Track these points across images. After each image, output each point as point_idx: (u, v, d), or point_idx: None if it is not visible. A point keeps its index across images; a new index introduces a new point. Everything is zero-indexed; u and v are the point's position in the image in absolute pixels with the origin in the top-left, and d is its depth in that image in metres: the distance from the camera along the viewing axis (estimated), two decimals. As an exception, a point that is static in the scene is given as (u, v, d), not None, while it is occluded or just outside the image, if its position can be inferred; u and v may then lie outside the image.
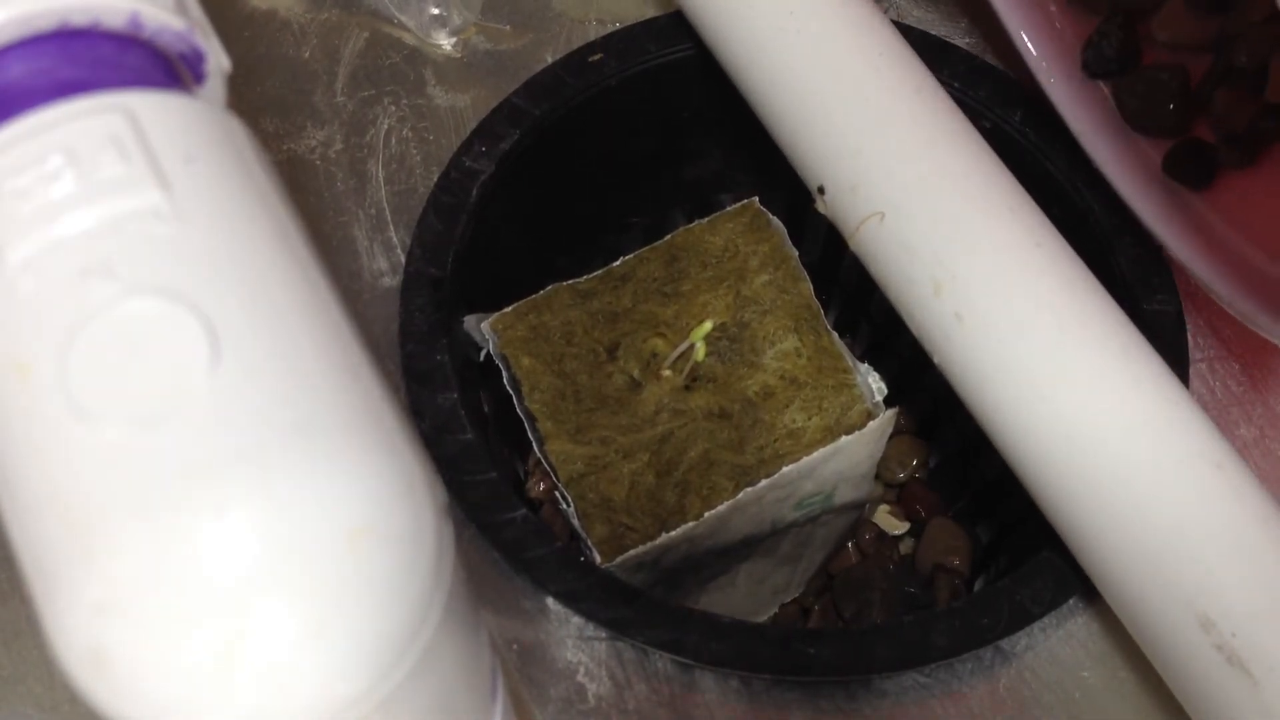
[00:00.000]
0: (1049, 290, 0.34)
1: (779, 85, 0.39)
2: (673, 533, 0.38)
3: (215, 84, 0.24)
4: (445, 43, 0.47)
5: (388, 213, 0.43)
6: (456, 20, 0.47)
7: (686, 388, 0.42)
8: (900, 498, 0.52)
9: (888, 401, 0.51)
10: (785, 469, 0.39)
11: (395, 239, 0.43)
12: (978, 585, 0.49)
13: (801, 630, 0.46)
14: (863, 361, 0.53)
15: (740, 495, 0.39)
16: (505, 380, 0.41)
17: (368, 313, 0.41)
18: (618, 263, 0.44)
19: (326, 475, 0.18)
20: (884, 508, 0.52)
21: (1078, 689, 0.36)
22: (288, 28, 0.47)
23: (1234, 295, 0.36)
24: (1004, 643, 0.36)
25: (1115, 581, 0.33)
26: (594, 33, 0.46)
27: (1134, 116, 0.39)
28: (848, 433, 0.40)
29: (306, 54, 0.46)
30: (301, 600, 0.18)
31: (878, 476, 0.48)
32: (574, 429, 0.40)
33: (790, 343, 0.42)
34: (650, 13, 0.46)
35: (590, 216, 0.49)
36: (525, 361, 0.41)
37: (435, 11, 0.47)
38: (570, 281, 0.43)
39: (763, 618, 0.50)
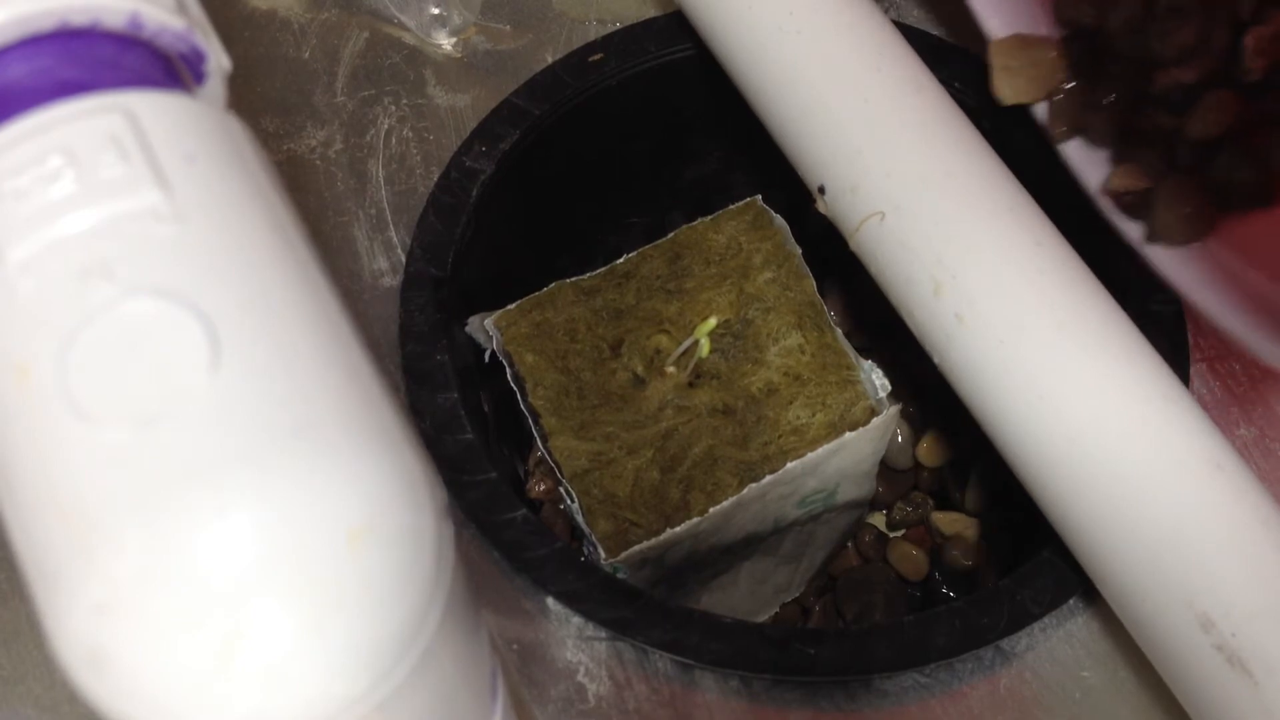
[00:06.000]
0: (1049, 290, 0.34)
1: (779, 85, 0.39)
2: (677, 529, 0.38)
3: (215, 84, 0.24)
4: (445, 43, 0.47)
5: (388, 213, 0.43)
6: (456, 20, 0.47)
7: (690, 384, 0.42)
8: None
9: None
10: (789, 465, 0.39)
11: (395, 239, 0.43)
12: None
13: (802, 630, 0.46)
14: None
15: (744, 491, 0.39)
16: (509, 377, 0.41)
17: (368, 313, 0.41)
18: (621, 260, 0.44)
19: (326, 475, 0.18)
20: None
21: (1078, 689, 0.36)
22: (288, 28, 0.47)
23: (1243, 326, 0.35)
24: (1004, 643, 0.36)
25: (1115, 582, 0.33)
26: (594, 33, 0.46)
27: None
28: (851, 429, 0.40)
29: (306, 54, 0.46)
30: (301, 600, 0.18)
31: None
32: (578, 425, 0.40)
33: (794, 339, 0.42)
34: (650, 13, 0.46)
35: (590, 216, 0.49)
36: (529, 358, 0.41)
37: (435, 11, 0.47)
38: (574, 279, 0.43)
39: (764, 617, 0.50)
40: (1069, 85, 0.39)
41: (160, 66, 0.22)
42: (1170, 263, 0.38)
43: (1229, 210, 0.37)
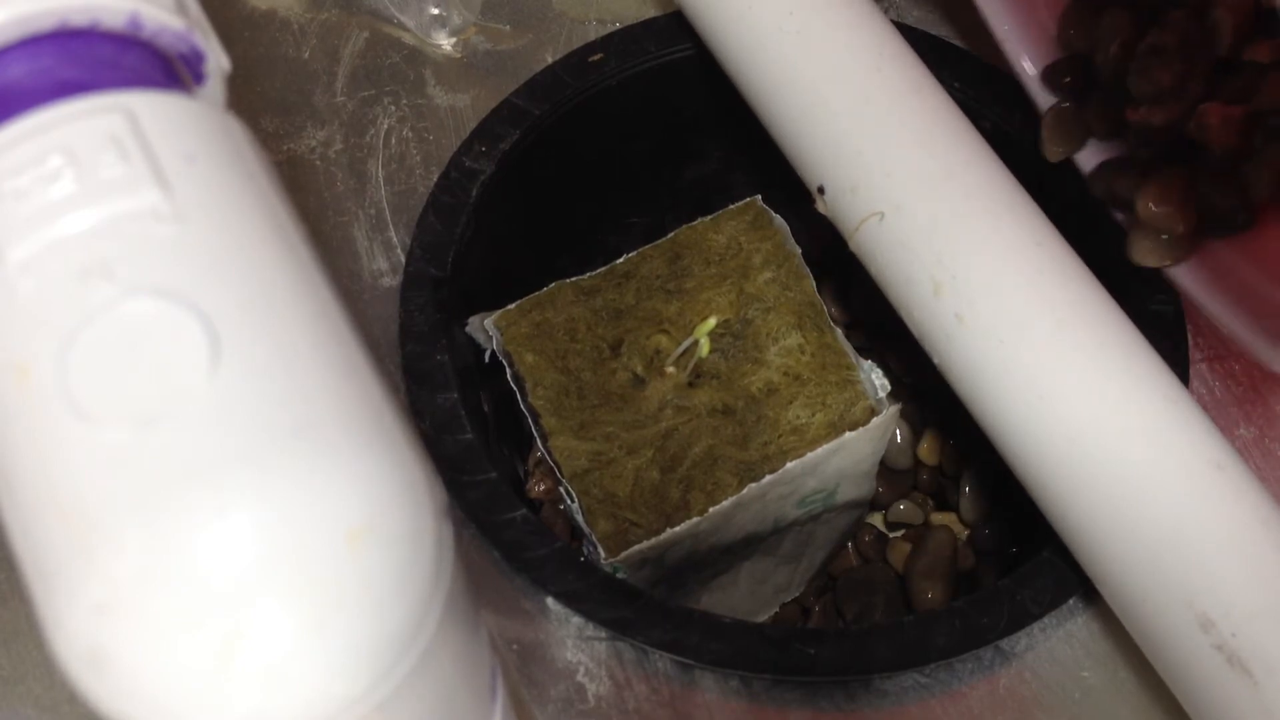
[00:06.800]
0: (1049, 290, 0.34)
1: (779, 85, 0.39)
2: (677, 528, 0.38)
3: (215, 84, 0.24)
4: (445, 43, 0.47)
5: (388, 213, 0.43)
6: (456, 20, 0.47)
7: (690, 384, 0.42)
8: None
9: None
10: (789, 465, 0.39)
11: (395, 239, 0.43)
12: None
13: (802, 630, 0.46)
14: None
15: (744, 491, 0.39)
16: (509, 377, 0.41)
17: (368, 313, 0.41)
18: (621, 260, 0.44)
19: (326, 476, 0.18)
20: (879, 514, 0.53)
21: (1078, 689, 0.36)
22: (288, 28, 0.47)
23: (1254, 335, 0.36)
24: (1004, 643, 0.36)
25: (1115, 582, 0.33)
26: (594, 33, 0.46)
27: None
28: (851, 429, 0.40)
29: (306, 54, 0.46)
30: (300, 600, 0.18)
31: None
32: (578, 425, 0.40)
33: (794, 339, 0.42)
34: (650, 13, 0.46)
35: (590, 216, 0.49)
36: (529, 358, 0.41)
37: (435, 11, 0.47)
38: (574, 279, 0.43)
39: (764, 617, 0.50)
40: (1063, 105, 0.39)
41: (160, 67, 0.22)
42: (1175, 268, 0.38)
43: (1207, 236, 0.37)
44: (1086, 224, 0.41)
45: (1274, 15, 0.32)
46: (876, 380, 0.42)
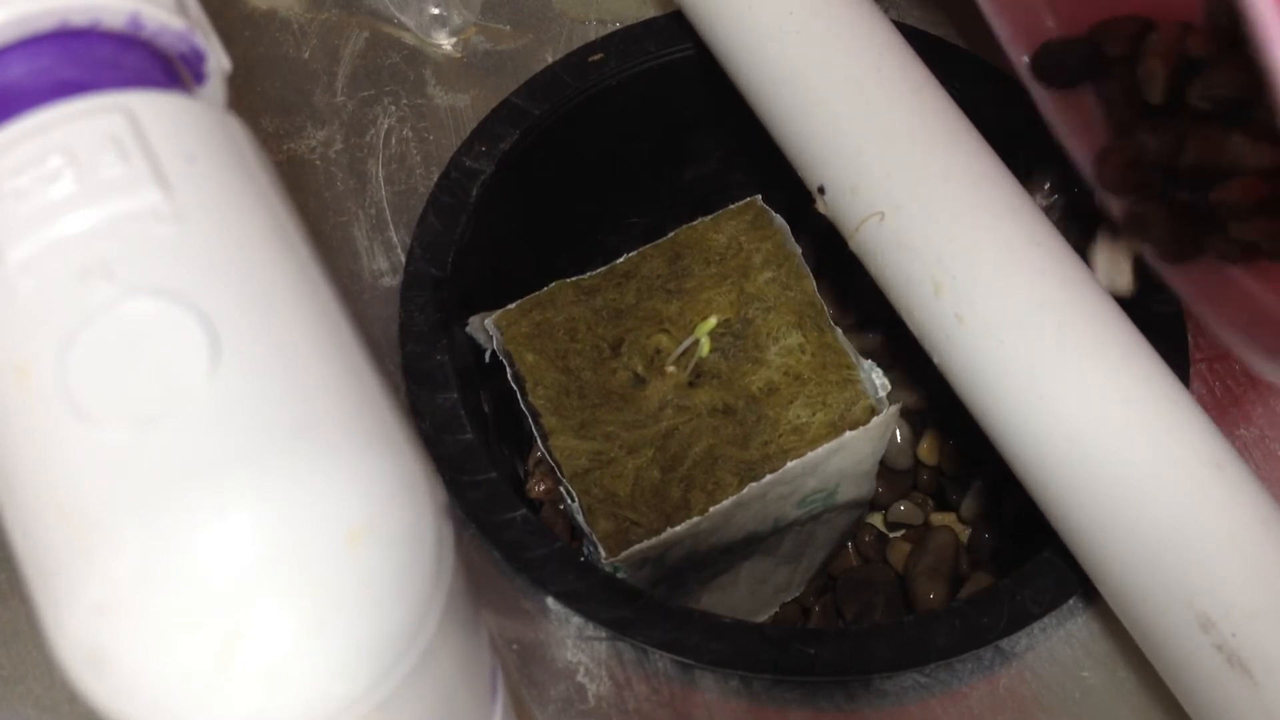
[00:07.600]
0: (1049, 290, 0.34)
1: (779, 85, 0.39)
2: (677, 528, 0.38)
3: (215, 84, 0.24)
4: (445, 43, 0.47)
5: (388, 213, 0.43)
6: (456, 20, 0.47)
7: (690, 384, 0.42)
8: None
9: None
10: (789, 464, 0.39)
11: (395, 239, 0.43)
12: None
13: (802, 630, 0.46)
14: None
15: (745, 490, 0.39)
16: (509, 377, 0.41)
17: (368, 313, 0.41)
18: (621, 259, 0.44)
19: (326, 476, 0.18)
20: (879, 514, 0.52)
21: (1078, 689, 0.36)
22: (288, 28, 0.47)
23: (1239, 340, 0.36)
24: (1004, 643, 0.36)
25: (1115, 582, 0.33)
26: (594, 33, 0.46)
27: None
28: (852, 428, 0.40)
29: (306, 54, 0.46)
30: (300, 600, 0.18)
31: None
32: (578, 424, 0.40)
33: (794, 339, 0.42)
34: (650, 13, 0.46)
35: (590, 216, 0.49)
36: (529, 358, 0.41)
37: (435, 11, 0.47)
38: (574, 278, 0.43)
39: (764, 617, 0.50)
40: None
41: (160, 66, 0.22)
42: (1169, 271, 0.38)
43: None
44: (1085, 224, 0.41)
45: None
46: (877, 380, 0.42)
